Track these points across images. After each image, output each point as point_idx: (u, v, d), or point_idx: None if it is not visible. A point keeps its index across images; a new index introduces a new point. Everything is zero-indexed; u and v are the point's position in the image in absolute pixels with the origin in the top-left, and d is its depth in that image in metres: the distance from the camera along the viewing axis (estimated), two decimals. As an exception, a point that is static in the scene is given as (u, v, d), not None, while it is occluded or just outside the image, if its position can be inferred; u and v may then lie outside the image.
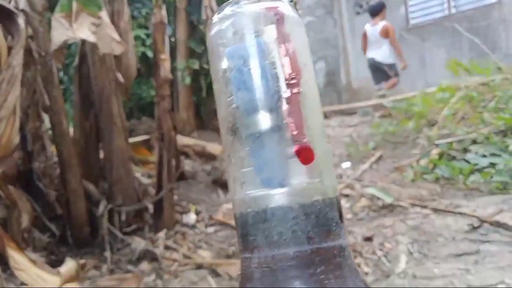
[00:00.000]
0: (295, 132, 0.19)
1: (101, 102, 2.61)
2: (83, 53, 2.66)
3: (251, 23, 0.20)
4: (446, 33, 6.02)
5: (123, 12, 2.66)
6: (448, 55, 5.72)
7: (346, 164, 3.53)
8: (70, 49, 4.03)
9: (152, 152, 3.64)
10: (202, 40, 4.50)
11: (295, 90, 0.20)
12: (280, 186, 0.19)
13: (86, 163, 2.65)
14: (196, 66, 4.57)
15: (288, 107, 0.19)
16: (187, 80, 4.53)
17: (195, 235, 2.52)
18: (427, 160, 3.02)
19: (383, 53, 4.96)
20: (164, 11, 2.83)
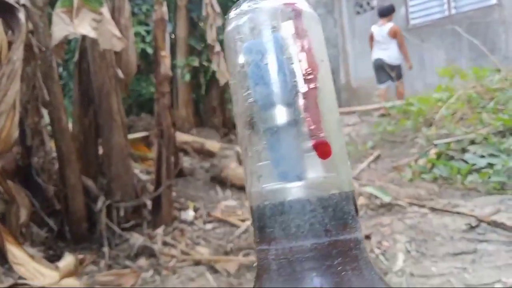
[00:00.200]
0: (312, 127, 0.19)
1: (100, 98, 2.61)
2: (83, 49, 2.65)
3: (268, 19, 0.21)
4: (446, 34, 6.02)
5: (123, 9, 2.66)
6: (448, 56, 5.73)
7: None
8: (70, 44, 4.02)
9: (150, 149, 3.64)
10: (202, 37, 4.49)
11: (312, 85, 0.20)
12: (298, 180, 0.19)
13: (85, 158, 2.65)
14: (195, 63, 4.57)
15: (305, 102, 0.20)
16: (187, 77, 4.53)
17: (193, 232, 2.53)
18: (425, 160, 3.03)
19: (391, 54, 4.96)
20: (165, 8, 2.83)
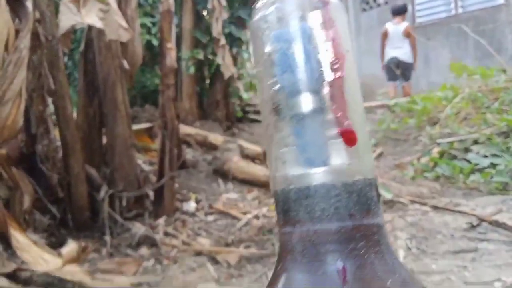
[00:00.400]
0: (338, 115, 0.20)
1: (105, 88, 2.61)
2: (89, 38, 2.65)
3: (296, 9, 0.21)
4: (452, 33, 6.00)
5: (130, 0, 2.65)
6: (453, 55, 5.71)
7: None
8: (76, 34, 4.02)
9: (154, 140, 3.65)
10: (208, 30, 4.48)
11: (338, 74, 0.20)
12: (323, 165, 0.20)
13: (89, 148, 2.66)
14: (200, 56, 4.56)
15: (331, 90, 0.20)
16: (191, 70, 4.52)
17: (194, 223, 2.54)
18: (428, 158, 3.04)
19: (405, 52, 5.02)
20: (171, 0, 2.83)
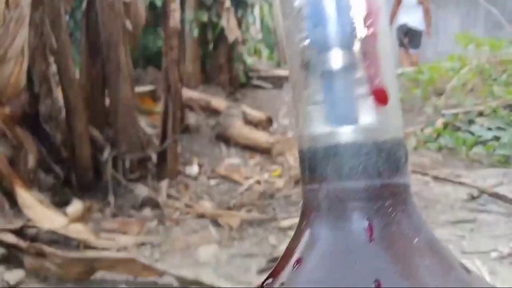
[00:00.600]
0: (370, 72, 0.19)
1: (108, 49, 2.57)
2: (91, -3, 2.59)
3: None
4: (462, 2, 5.85)
5: (134, -44, 2.58)
6: (463, 25, 5.59)
7: None
8: (77, -9, 3.92)
9: (156, 103, 3.63)
10: (212, -9, 4.37)
11: (371, 31, 0.20)
12: (353, 123, 0.19)
13: (92, 109, 2.65)
14: (205, 18, 4.46)
15: (364, 46, 0.20)
16: (195, 32, 4.44)
17: (197, 186, 2.57)
18: (431, 129, 3.03)
19: (417, 19, 4.93)
20: (176, -42, 2.74)
